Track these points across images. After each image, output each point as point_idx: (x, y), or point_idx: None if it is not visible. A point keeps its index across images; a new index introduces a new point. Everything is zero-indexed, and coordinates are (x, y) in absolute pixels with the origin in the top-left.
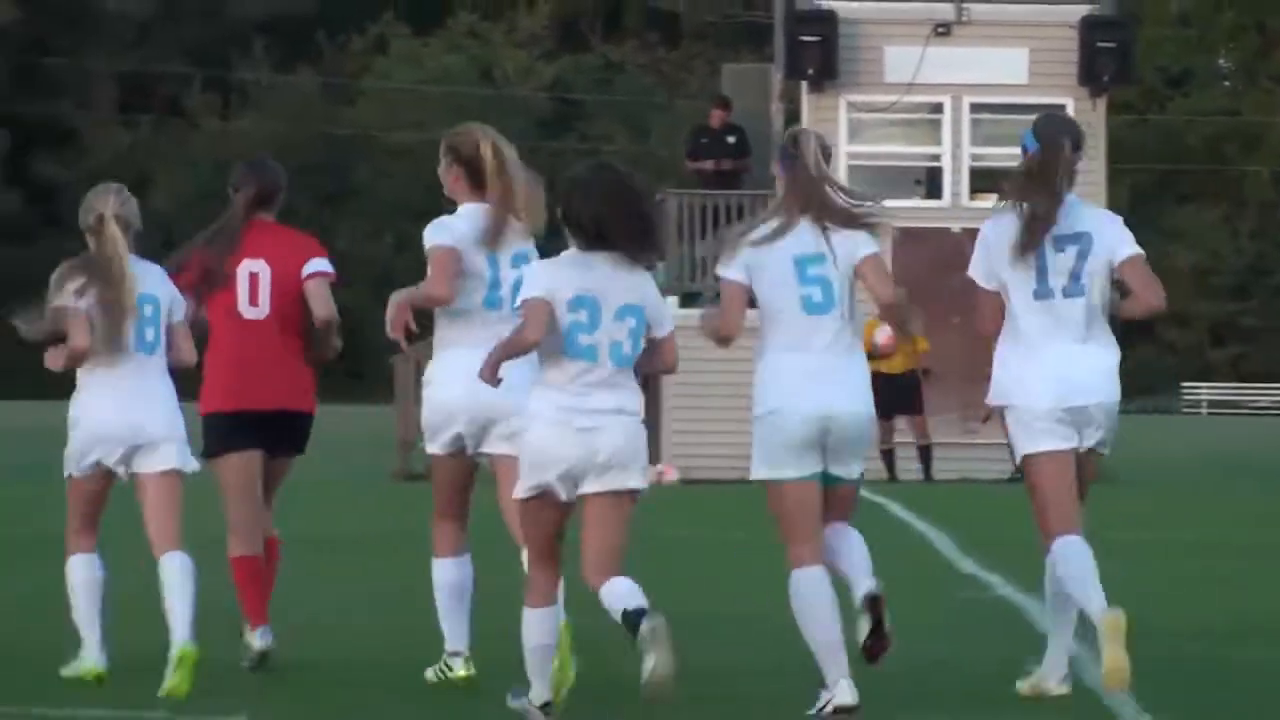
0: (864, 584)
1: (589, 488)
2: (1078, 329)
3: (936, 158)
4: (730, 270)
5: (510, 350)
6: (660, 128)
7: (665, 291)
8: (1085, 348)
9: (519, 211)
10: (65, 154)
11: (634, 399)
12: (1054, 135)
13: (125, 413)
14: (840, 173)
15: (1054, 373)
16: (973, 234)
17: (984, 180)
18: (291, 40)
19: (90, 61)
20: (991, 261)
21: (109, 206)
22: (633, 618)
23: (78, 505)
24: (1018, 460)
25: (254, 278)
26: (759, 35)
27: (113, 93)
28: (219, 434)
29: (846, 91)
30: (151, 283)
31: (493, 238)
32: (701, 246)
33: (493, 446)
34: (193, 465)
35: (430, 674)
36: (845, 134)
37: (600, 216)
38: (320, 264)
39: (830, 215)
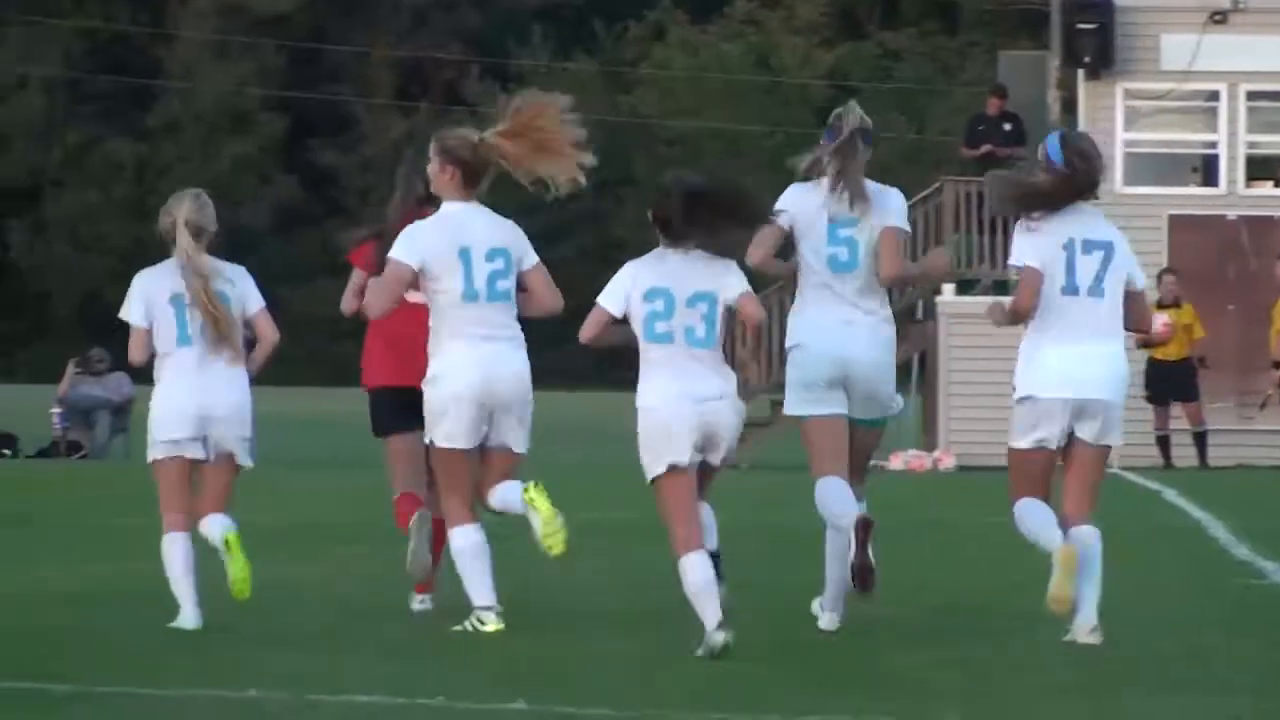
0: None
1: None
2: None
3: (1213, 145)
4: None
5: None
6: (937, 115)
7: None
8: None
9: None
10: (343, 140)
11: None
12: (1089, 154)
13: (192, 406)
14: (1116, 161)
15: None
16: (1250, 221)
17: (1260, 168)
18: (569, 27)
19: (368, 49)
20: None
21: (183, 213)
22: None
23: (167, 485)
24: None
25: None
26: (1036, 22)
27: (391, 79)
28: (384, 410)
29: (1122, 79)
30: (223, 281)
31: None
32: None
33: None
34: (248, 462)
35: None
36: (1121, 122)
37: (672, 217)
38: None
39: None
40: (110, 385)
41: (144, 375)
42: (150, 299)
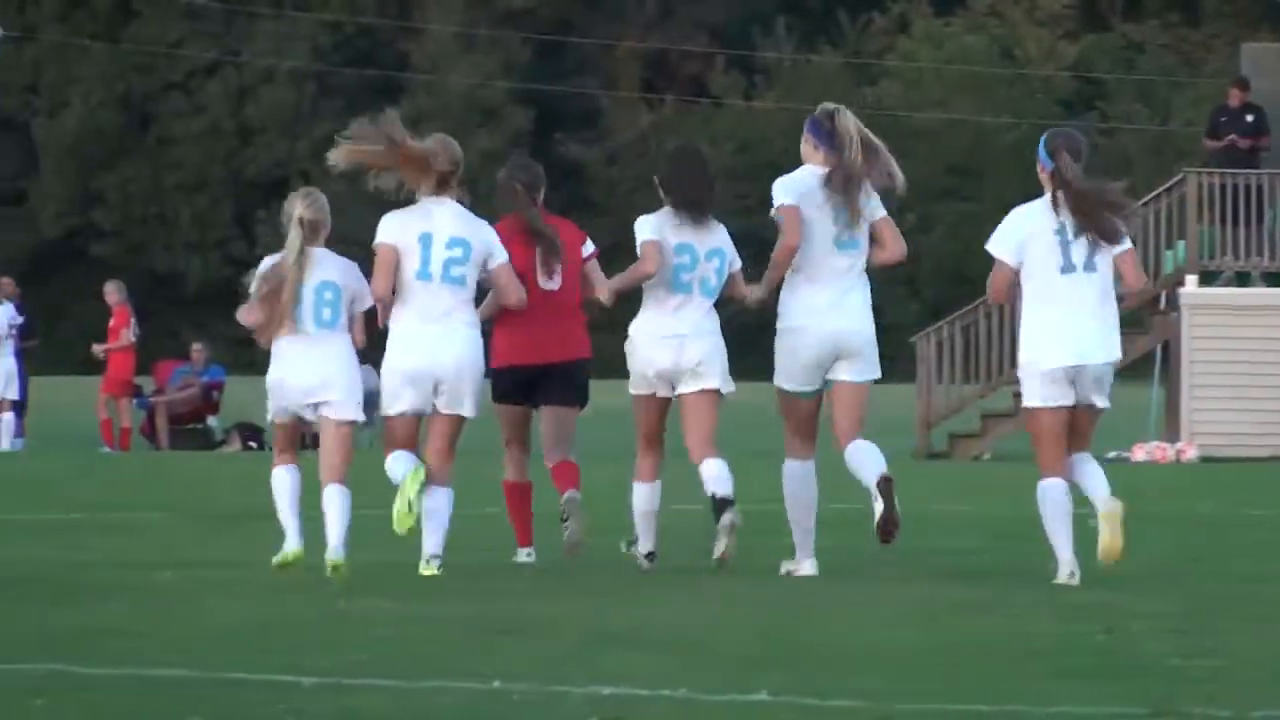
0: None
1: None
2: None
3: None
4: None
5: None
6: (1180, 107)
7: (1184, 270)
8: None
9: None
10: (587, 133)
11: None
12: (1059, 151)
13: (302, 375)
14: None
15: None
16: None
17: None
18: (814, 19)
19: (614, 41)
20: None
21: (297, 209)
22: (719, 504)
23: (281, 438)
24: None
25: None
26: (1278, 15)
27: (636, 72)
28: (503, 385)
29: None
30: (331, 271)
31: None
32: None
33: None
34: (360, 418)
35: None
36: None
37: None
38: (591, 247)
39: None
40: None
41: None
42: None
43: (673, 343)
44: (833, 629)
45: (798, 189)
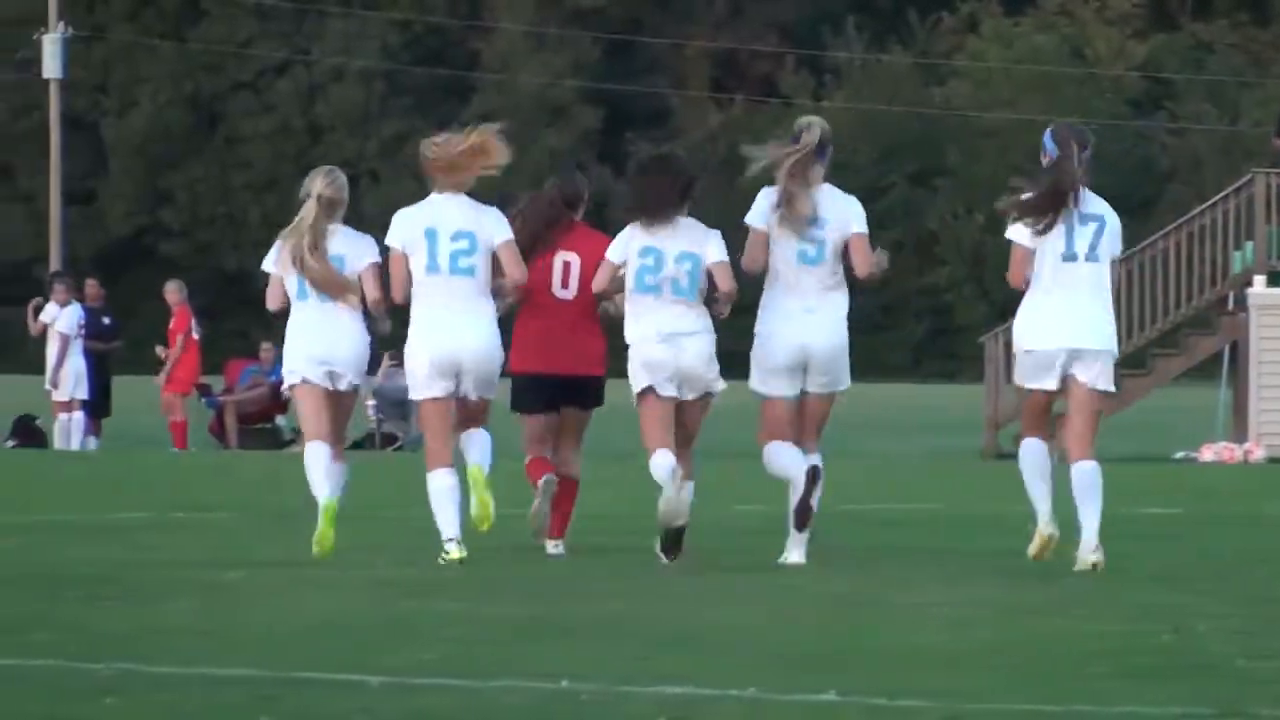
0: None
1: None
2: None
3: None
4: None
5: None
6: (1249, 107)
7: (1252, 271)
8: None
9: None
10: (656, 132)
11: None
12: (1067, 140)
13: (314, 346)
14: None
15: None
16: None
17: None
18: (884, 19)
19: (684, 40)
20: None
21: (318, 186)
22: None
23: (307, 411)
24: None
25: (567, 266)
26: None
27: (705, 71)
28: (526, 392)
29: None
30: (343, 247)
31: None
32: None
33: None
34: (365, 386)
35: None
36: None
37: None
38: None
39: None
40: None
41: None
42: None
43: (660, 343)
44: (900, 629)
45: (762, 208)
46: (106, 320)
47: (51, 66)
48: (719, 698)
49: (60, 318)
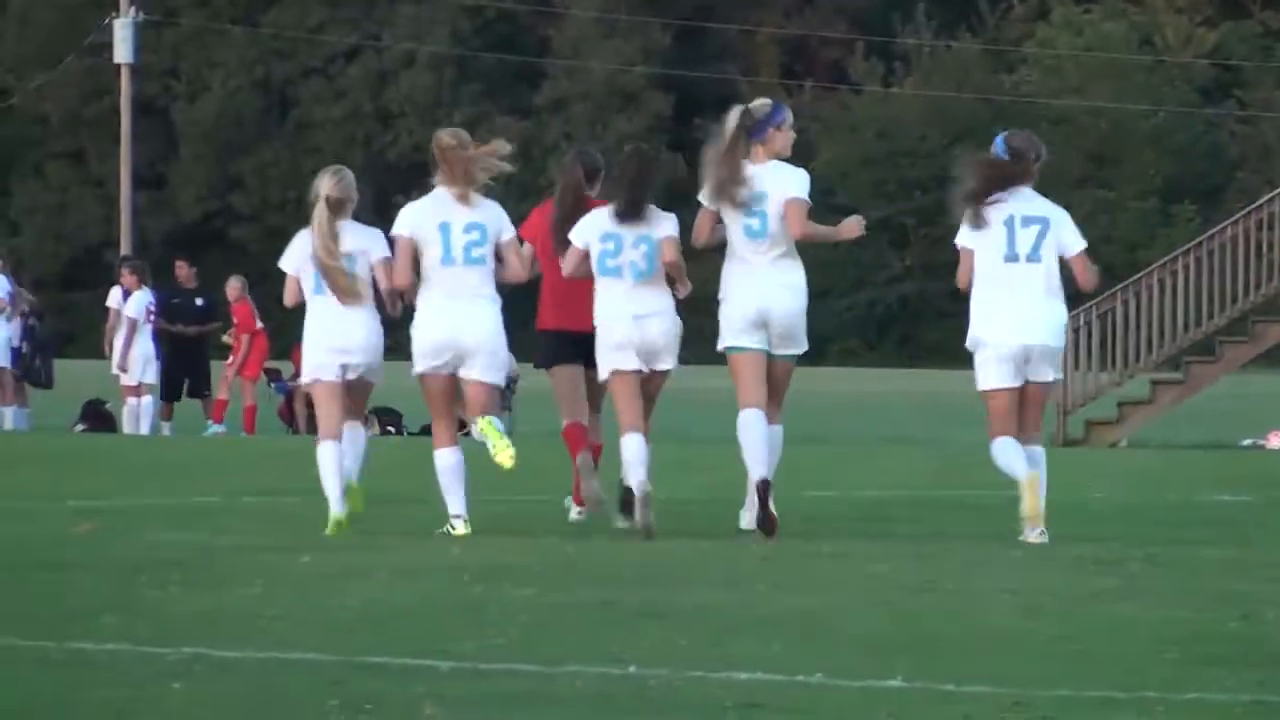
0: (759, 471)
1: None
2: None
3: None
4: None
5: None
6: None
7: None
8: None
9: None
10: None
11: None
12: (1023, 150)
13: (336, 335)
14: None
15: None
16: None
17: None
18: (953, 6)
19: (754, 27)
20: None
21: (324, 188)
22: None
23: (323, 411)
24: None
25: None
26: None
27: (775, 58)
28: (551, 347)
29: None
30: (355, 242)
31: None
32: None
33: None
34: (380, 377)
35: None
36: None
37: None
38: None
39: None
40: None
41: (522, 353)
42: (296, 255)
43: (622, 321)
44: (968, 616)
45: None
46: (200, 301)
47: (123, 51)
48: (786, 684)
49: (129, 303)
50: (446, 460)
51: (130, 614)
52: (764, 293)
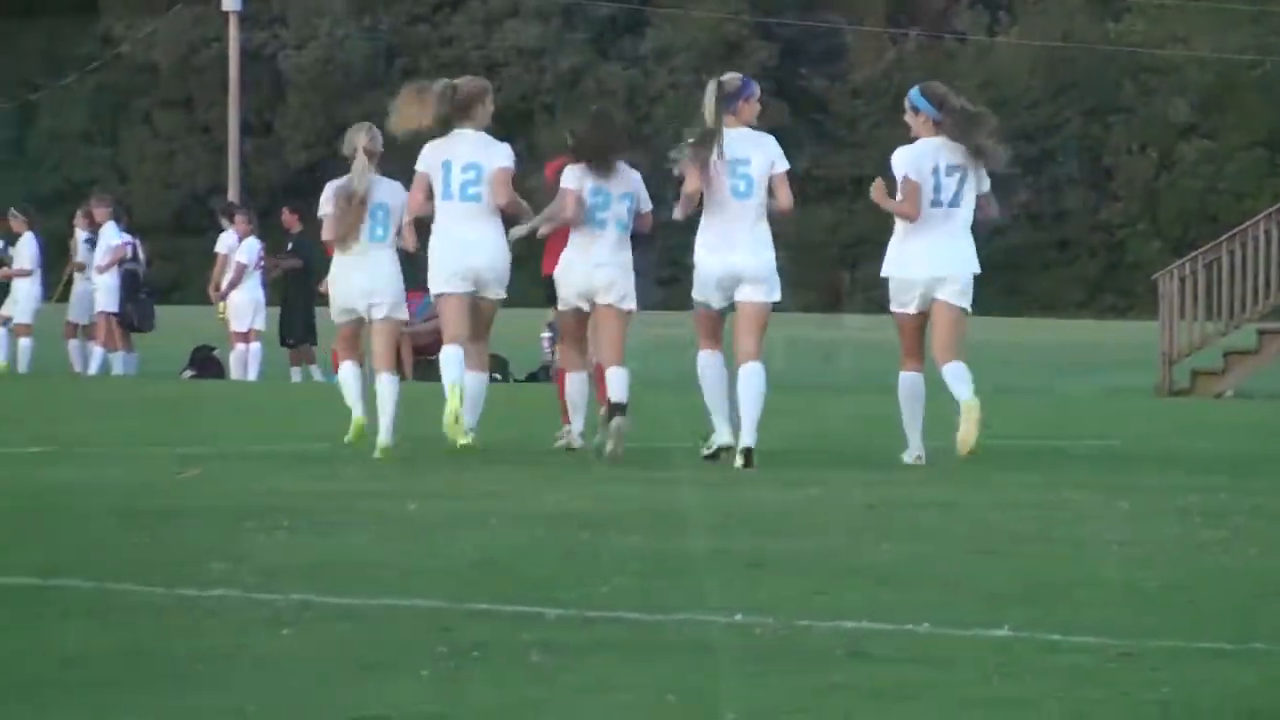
0: (746, 438)
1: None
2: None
3: None
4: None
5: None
6: None
7: None
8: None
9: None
10: (832, 68)
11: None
12: (942, 96)
13: (358, 282)
14: None
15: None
16: None
17: None
18: None
19: None
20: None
21: (361, 141)
22: (612, 408)
23: (344, 338)
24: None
25: None
26: None
27: (881, 8)
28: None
29: None
30: (384, 194)
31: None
32: None
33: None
34: (404, 317)
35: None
36: None
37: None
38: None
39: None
40: None
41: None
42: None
43: (590, 268)
44: (1077, 567)
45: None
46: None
47: None
48: (894, 632)
49: (240, 248)
50: (452, 354)
51: (237, 560)
52: (739, 248)
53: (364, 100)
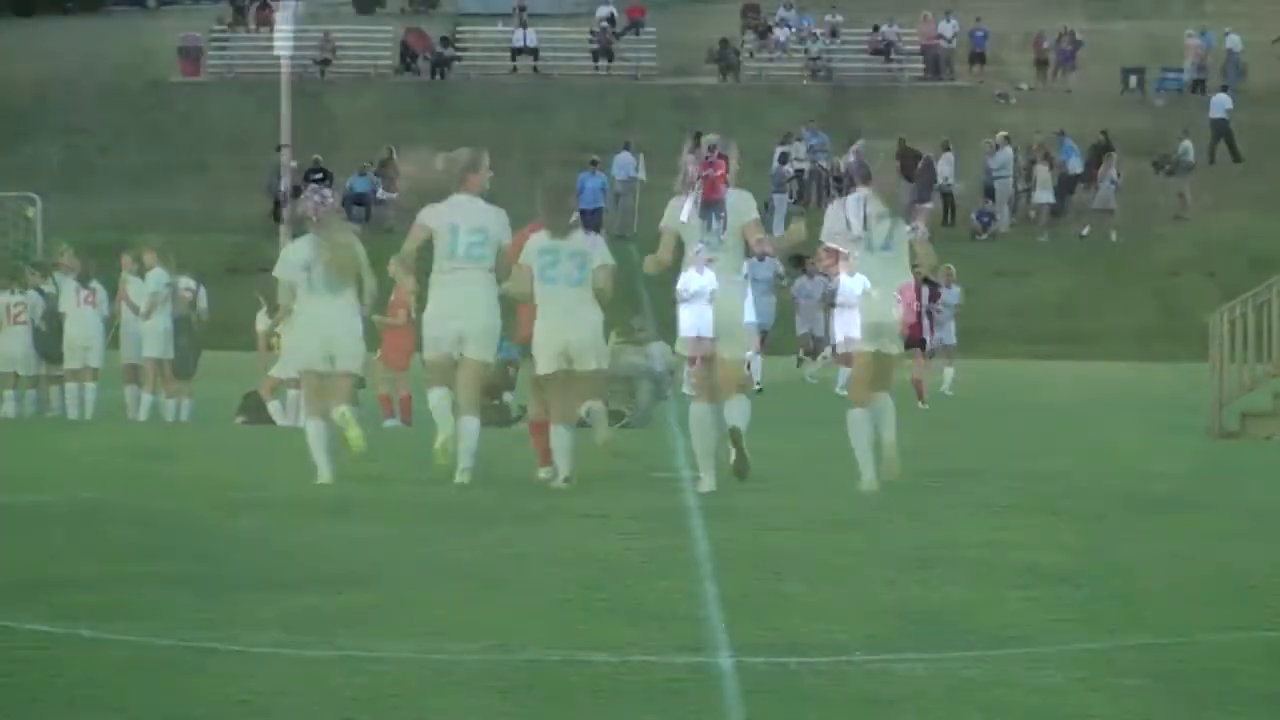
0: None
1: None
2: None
3: None
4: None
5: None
6: None
7: None
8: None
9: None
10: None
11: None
12: (865, 171)
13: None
14: None
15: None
16: None
17: None
18: None
19: None
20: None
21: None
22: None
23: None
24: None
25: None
26: None
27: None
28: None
29: None
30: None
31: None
32: None
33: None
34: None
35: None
36: None
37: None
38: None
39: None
40: (652, 354)
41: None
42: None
43: (556, 322)
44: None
45: (673, 214)
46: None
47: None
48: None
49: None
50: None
51: (287, 612)
52: (708, 306)
53: (416, 138)
